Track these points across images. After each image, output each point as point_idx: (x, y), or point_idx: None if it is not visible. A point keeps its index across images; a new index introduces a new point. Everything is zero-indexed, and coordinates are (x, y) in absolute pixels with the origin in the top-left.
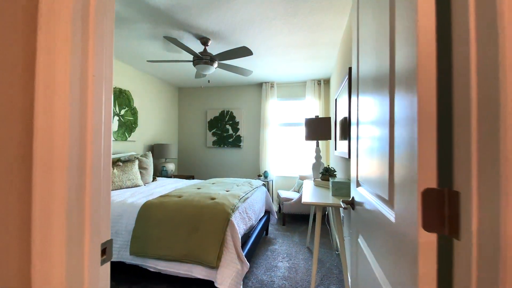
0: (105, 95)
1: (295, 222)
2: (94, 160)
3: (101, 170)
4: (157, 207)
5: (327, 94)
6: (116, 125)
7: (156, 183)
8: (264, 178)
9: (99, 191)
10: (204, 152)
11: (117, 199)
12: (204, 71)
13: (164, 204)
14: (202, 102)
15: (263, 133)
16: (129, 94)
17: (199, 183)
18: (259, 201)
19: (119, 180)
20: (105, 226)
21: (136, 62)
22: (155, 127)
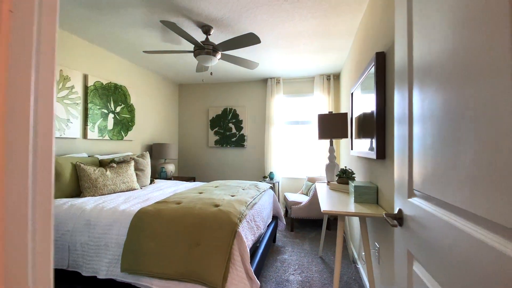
0: (37, 65)
1: (304, 227)
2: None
3: (29, 173)
4: (153, 216)
5: (337, 89)
6: (111, 123)
7: (153, 186)
8: (270, 179)
9: (23, 201)
10: (206, 153)
11: (108, 205)
12: (206, 63)
13: (160, 212)
14: (204, 100)
15: (268, 132)
16: (125, 90)
17: (201, 186)
18: (267, 206)
19: (112, 183)
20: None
21: (132, 55)
22: (154, 126)
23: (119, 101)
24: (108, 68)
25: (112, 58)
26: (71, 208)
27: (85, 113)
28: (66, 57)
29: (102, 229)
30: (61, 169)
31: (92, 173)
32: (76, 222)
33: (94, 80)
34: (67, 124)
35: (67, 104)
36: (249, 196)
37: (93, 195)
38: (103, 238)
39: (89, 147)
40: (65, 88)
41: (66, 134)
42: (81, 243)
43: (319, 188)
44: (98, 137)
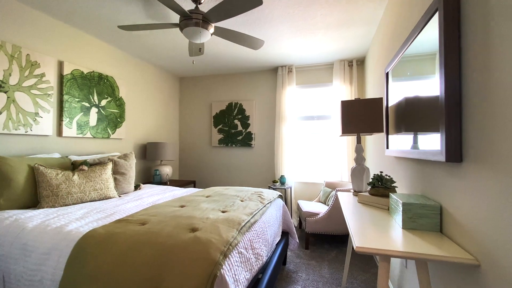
0: None
1: (322, 244)
2: None
3: None
4: (100, 244)
5: (361, 78)
6: (95, 118)
7: (135, 194)
8: (281, 184)
9: None
10: (209, 153)
11: (54, 223)
12: (196, 38)
13: (112, 238)
14: (207, 93)
15: (279, 129)
16: (113, 81)
17: (189, 195)
18: (274, 222)
19: (79, 190)
20: None
21: (119, 40)
22: (150, 123)
23: (105, 93)
24: (91, 55)
25: (94, 43)
26: (11, 225)
27: (59, 106)
28: (36, 39)
29: (38, 259)
30: (12, 173)
31: (53, 178)
32: (12, 244)
33: (72, 68)
34: (34, 119)
35: (36, 95)
36: (247, 212)
37: (52, 206)
38: (38, 271)
39: (65, 146)
40: (33, 76)
41: (33, 131)
42: (15, 274)
43: (343, 200)
44: (77, 134)
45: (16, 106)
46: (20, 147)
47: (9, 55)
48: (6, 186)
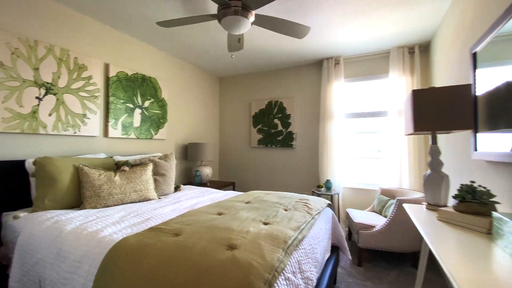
0: None
1: (379, 261)
2: None
3: None
4: (130, 257)
5: (425, 67)
6: (139, 119)
7: (174, 196)
8: (326, 189)
9: None
10: (248, 154)
11: (90, 227)
12: (235, 28)
13: (143, 250)
14: (246, 93)
15: (324, 128)
16: (156, 83)
17: (228, 199)
18: (323, 237)
19: (120, 191)
20: None
21: (161, 41)
22: (191, 124)
23: (148, 94)
24: (134, 57)
25: (137, 45)
26: (51, 227)
27: (106, 108)
28: (83, 42)
29: (71, 266)
30: (57, 173)
31: (96, 178)
32: (49, 248)
33: (117, 71)
34: (82, 120)
35: (83, 97)
36: (293, 226)
37: (94, 207)
38: (70, 279)
39: (110, 146)
40: (81, 78)
41: (82, 132)
42: (50, 280)
43: (415, 216)
44: (122, 135)
45: (65, 108)
46: (69, 147)
47: (57, 58)
48: (51, 186)
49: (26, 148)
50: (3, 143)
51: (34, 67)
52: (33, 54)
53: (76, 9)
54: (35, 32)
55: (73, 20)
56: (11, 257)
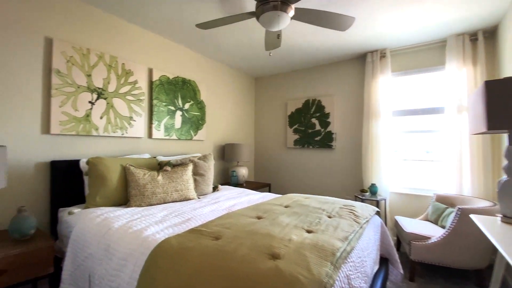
0: None
1: (434, 277)
2: None
3: None
4: (170, 259)
5: (491, 55)
6: (179, 121)
7: (213, 196)
8: (371, 194)
9: None
10: (284, 155)
11: (135, 225)
12: (274, 25)
13: (183, 254)
14: (282, 92)
15: (368, 127)
16: (195, 85)
17: (265, 202)
18: (372, 248)
19: (163, 191)
20: None
21: (200, 44)
22: (227, 124)
23: (188, 97)
24: (175, 61)
25: (178, 49)
26: (101, 224)
27: (150, 111)
28: (129, 49)
29: (117, 263)
30: (107, 172)
31: (140, 177)
32: (99, 244)
33: (160, 75)
34: (129, 123)
35: (130, 101)
36: (340, 236)
37: (139, 205)
38: (116, 277)
39: (154, 147)
40: (127, 83)
41: (128, 133)
42: (98, 276)
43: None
44: (165, 136)
45: (114, 111)
46: (117, 148)
47: (107, 65)
48: (102, 185)
49: (80, 149)
50: (60, 144)
51: (87, 74)
52: (85, 62)
53: (123, 18)
54: (87, 41)
55: (121, 28)
56: (65, 251)
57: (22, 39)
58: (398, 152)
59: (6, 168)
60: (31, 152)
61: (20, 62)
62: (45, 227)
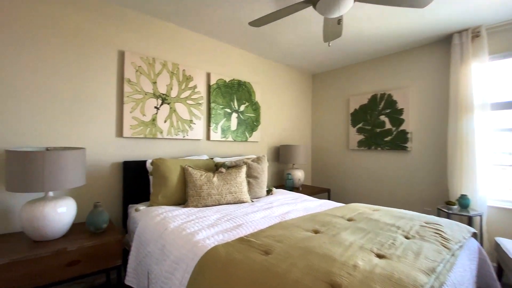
0: None
1: None
2: None
3: None
4: (217, 271)
5: None
6: (235, 123)
7: (266, 200)
8: (461, 208)
9: None
10: (346, 157)
11: (189, 227)
12: (334, 10)
13: (230, 267)
14: (343, 88)
15: (456, 125)
16: (250, 87)
17: (324, 212)
18: (467, 284)
19: (217, 192)
20: None
21: (250, 43)
22: (283, 125)
23: (243, 99)
24: (231, 64)
25: (233, 52)
26: (160, 223)
27: (208, 113)
28: (189, 56)
29: (170, 266)
30: (168, 172)
31: (197, 178)
32: (156, 243)
33: (217, 78)
34: (190, 125)
35: (190, 105)
36: (424, 266)
37: (195, 206)
38: (169, 279)
39: (212, 149)
40: (188, 88)
41: (189, 136)
42: (155, 274)
43: None
44: (221, 138)
45: (176, 115)
46: (179, 149)
47: (170, 72)
48: (164, 184)
49: (147, 150)
50: (130, 146)
51: (153, 81)
52: (151, 70)
53: (182, 26)
54: (153, 51)
55: (181, 36)
56: (131, 245)
57: (100, 53)
58: (498, 155)
59: (85, 167)
60: (107, 153)
61: (98, 73)
62: (118, 222)
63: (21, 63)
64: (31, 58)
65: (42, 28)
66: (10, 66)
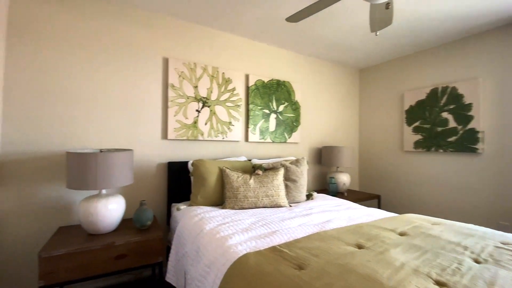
0: None
1: None
2: None
3: None
4: (246, 283)
5: None
6: (274, 124)
7: (305, 205)
8: None
9: None
10: (400, 160)
11: (223, 230)
12: None
13: (259, 280)
14: (396, 82)
15: None
16: (289, 86)
17: (371, 222)
18: None
19: (254, 195)
20: None
21: (288, 41)
22: (325, 125)
23: (282, 99)
24: (269, 64)
25: (271, 51)
26: (197, 223)
27: (246, 115)
28: (228, 59)
29: (203, 269)
30: (207, 173)
31: (234, 180)
32: (193, 244)
33: (255, 79)
34: (229, 127)
35: (229, 107)
36: None
37: (232, 208)
38: (201, 282)
39: (250, 150)
40: (227, 91)
41: (228, 137)
42: (190, 275)
43: None
44: (260, 139)
45: (216, 118)
46: (218, 151)
47: (210, 76)
48: (202, 185)
49: (189, 152)
50: (174, 148)
51: (194, 85)
52: (193, 75)
53: (220, 29)
54: (194, 56)
55: (219, 39)
56: (172, 243)
57: (147, 61)
58: None
59: (132, 168)
60: (153, 154)
61: (145, 80)
62: (163, 219)
63: (78, 72)
64: (87, 68)
65: (97, 41)
66: (70, 75)
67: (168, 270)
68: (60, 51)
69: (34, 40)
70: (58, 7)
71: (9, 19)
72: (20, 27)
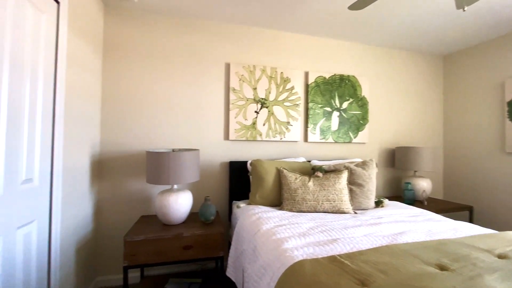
0: None
1: None
2: None
3: None
4: None
5: None
6: (336, 122)
7: (374, 213)
8: None
9: None
10: (500, 164)
11: (279, 232)
12: None
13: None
14: (492, 68)
15: None
16: (355, 81)
17: (458, 239)
18: None
19: (313, 198)
20: None
21: (351, 31)
22: (399, 122)
23: (346, 95)
24: (331, 59)
25: (333, 44)
26: (255, 222)
27: (305, 114)
28: (286, 58)
29: (258, 270)
30: (265, 174)
31: (292, 181)
32: (249, 243)
33: (316, 76)
34: (287, 127)
35: (287, 107)
36: None
37: (290, 210)
38: (257, 283)
39: (309, 151)
40: (285, 90)
41: (286, 138)
42: (248, 273)
43: None
44: (320, 139)
45: (274, 118)
46: (276, 151)
47: (268, 76)
48: (260, 185)
49: (248, 152)
50: (235, 148)
51: (253, 87)
52: (252, 77)
53: (278, 29)
54: (253, 59)
55: (277, 39)
56: (232, 239)
57: (211, 67)
58: None
59: (199, 166)
60: (217, 154)
61: (210, 85)
62: (225, 215)
63: (155, 81)
64: (162, 76)
65: (169, 52)
66: (151, 87)
67: (228, 265)
68: (144, 66)
69: (123, 57)
70: (140, 26)
71: (104, 39)
72: (112, 46)
